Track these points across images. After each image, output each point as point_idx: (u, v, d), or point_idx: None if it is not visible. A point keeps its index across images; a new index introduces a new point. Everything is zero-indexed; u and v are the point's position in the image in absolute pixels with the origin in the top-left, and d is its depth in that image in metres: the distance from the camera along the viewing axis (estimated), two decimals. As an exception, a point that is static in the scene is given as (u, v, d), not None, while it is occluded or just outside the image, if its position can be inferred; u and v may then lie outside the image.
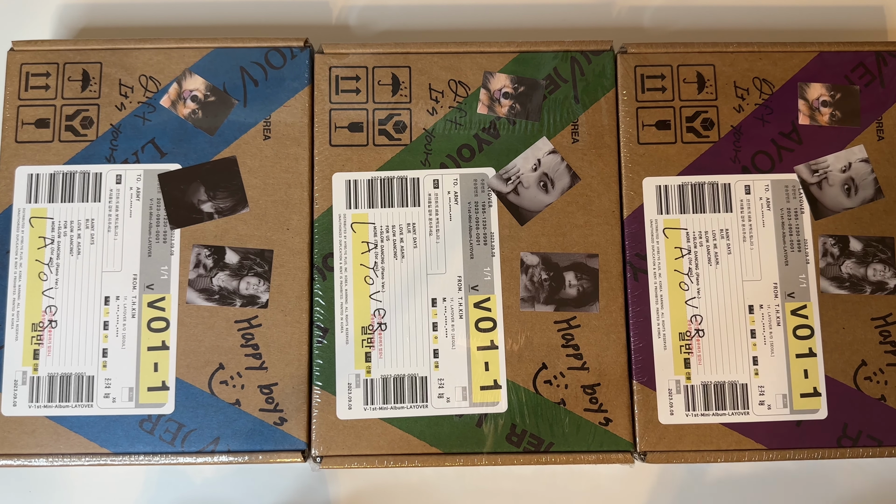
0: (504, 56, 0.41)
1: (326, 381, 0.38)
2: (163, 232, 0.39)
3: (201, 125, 0.40)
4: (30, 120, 0.40)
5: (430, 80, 0.41)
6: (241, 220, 0.39)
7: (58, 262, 0.39)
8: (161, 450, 0.37)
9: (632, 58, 0.41)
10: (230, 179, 0.39)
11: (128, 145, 0.40)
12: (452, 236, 0.39)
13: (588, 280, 0.39)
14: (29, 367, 0.38)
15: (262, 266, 0.39)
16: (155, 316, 0.38)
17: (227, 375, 0.38)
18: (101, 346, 0.38)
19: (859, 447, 0.38)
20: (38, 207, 0.39)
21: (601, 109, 0.40)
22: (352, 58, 0.41)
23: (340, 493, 0.41)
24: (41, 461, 0.37)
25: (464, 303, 0.39)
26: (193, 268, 0.39)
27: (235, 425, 0.38)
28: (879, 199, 0.40)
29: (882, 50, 0.41)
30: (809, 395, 0.38)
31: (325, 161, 0.40)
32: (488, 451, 0.38)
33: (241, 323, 0.38)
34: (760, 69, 0.41)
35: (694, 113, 0.40)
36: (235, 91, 0.40)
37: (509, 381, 0.38)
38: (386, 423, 0.38)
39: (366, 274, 0.39)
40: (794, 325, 0.39)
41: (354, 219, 0.39)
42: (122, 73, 0.40)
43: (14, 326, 0.38)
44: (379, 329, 0.38)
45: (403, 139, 0.40)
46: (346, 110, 0.40)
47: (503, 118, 0.40)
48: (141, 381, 0.38)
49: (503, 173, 0.40)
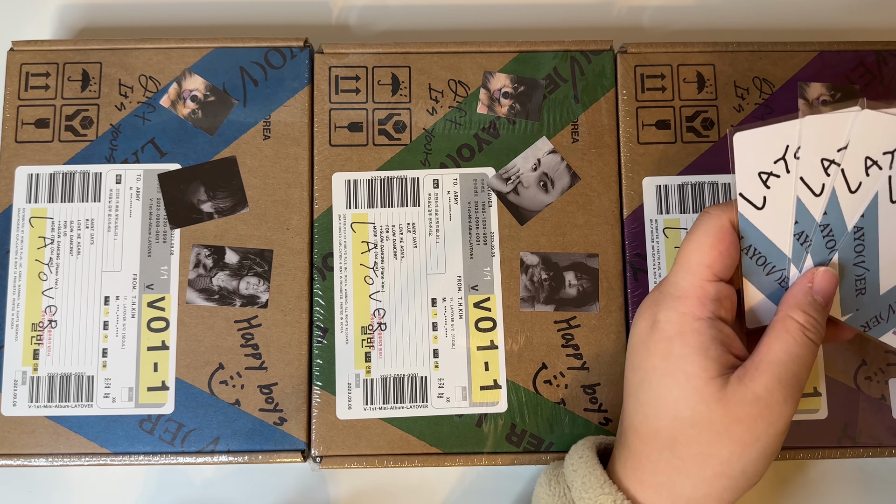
0: (504, 56, 0.41)
1: (326, 381, 0.38)
2: (163, 232, 0.39)
3: (201, 125, 0.40)
4: (30, 120, 0.40)
5: (429, 79, 0.40)
6: (240, 220, 0.39)
7: (58, 262, 0.39)
8: (161, 450, 0.37)
9: (632, 57, 0.41)
10: (230, 179, 0.39)
11: (128, 145, 0.40)
12: (452, 236, 0.39)
13: (588, 280, 0.39)
14: (29, 367, 0.38)
15: (261, 266, 0.39)
16: (155, 316, 0.38)
17: (227, 375, 0.38)
18: (101, 346, 0.38)
19: (859, 447, 0.38)
20: (37, 207, 0.39)
21: (601, 109, 0.40)
22: (352, 58, 0.41)
23: (340, 493, 0.41)
24: (41, 461, 0.37)
25: (464, 303, 0.39)
26: (193, 268, 0.39)
27: (235, 425, 0.38)
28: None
29: (882, 49, 0.41)
30: (809, 395, 0.38)
31: (325, 161, 0.40)
32: (488, 451, 0.38)
33: (241, 323, 0.38)
34: (760, 69, 0.41)
35: (694, 113, 0.40)
36: (235, 91, 0.40)
37: (509, 381, 0.38)
38: (386, 423, 0.38)
39: (366, 274, 0.39)
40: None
41: (354, 219, 0.39)
42: (121, 73, 0.40)
43: (14, 326, 0.38)
44: (379, 329, 0.38)
45: (403, 139, 0.40)
46: (346, 110, 0.40)
47: (503, 118, 0.40)
48: (141, 381, 0.38)
49: (503, 173, 0.40)
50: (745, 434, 0.28)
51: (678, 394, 0.29)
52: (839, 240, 0.29)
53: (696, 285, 0.30)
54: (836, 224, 0.29)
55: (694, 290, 0.30)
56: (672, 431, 0.29)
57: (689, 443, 0.29)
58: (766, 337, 0.30)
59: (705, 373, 0.29)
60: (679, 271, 0.31)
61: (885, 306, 0.29)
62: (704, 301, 0.30)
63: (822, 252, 0.29)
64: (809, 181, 0.28)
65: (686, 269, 0.30)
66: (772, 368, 0.28)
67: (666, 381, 0.30)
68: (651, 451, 0.30)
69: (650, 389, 0.30)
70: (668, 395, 0.29)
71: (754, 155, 0.29)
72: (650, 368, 0.30)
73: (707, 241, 0.30)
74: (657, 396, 0.30)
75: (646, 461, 0.30)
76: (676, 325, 0.30)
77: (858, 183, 0.28)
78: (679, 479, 0.29)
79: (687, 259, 0.31)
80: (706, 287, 0.30)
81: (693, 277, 0.30)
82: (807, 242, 0.29)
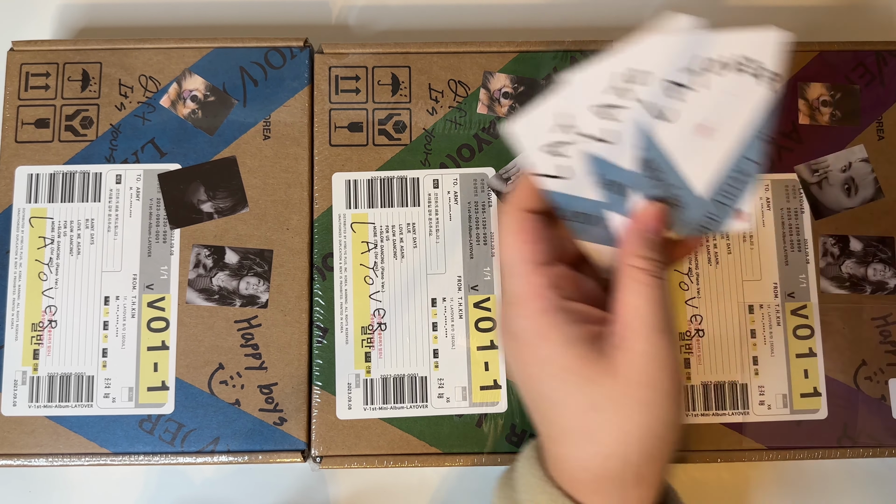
0: (504, 56, 0.41)
1: (326, 381, 0.38)
2: (162, 232, 0.39)
3: (201, 125, 0.40)
4: (30, 120, 0.40)
5: (429, 79, 0.40)
6: (240, 220, 0.39)
7: (58, 262, 0.39)
8: (161, 450, 0.37)
9: (632, 58, 0.41)
10: (230, 179, 0.39)
11: (127, 145, 0.40)
12: (452, 236, 0.39)
13: (588, 280, 0.39)
14: (29, 366, 0.38)
15: (261, 266, 0.39)
16: (155, 316, 0.38)
17: (227, 375, 0.38)
18: (101, 346, 0.38)
19: (859, 447, 0.38)
20: (37, 207, 0.39)
21: (601, 109, 0.40)
22: (351, 58, 0.41)
23: (340, 493, 0.41)
24: (41, 461, 0.37)
25: (463, 303, 0.39)
26: (193, 268, 0.39)
27: (235, 425, 0.38)
28: (880, 198, 0.40)
29: (882, 49, 0.41)
30: (809, 395, 0.38)
31: (325, 161, 0.40)
32: (488, 451, 0.38)
33: (241, 323, 0.38)
34: (760, 69, 0.41)
35: None
36: (235, 91, 0.40)
37: (509, 382, 0.38)
38: (386, 423, 0.38)
39: (365, 274, 0.39)
40: (794, 325, 0.39)
41: (354, 219, 0.39)
42: (121, 73, 0.40)
43: (14, 326, 0.38)
44: (379, 329, 0.38)
45: (403, 139, 0.40)
46: (346, 110, 0.40)
47: (503, 118, 0.40)
48: (141, 381, 0.38)
49: (503, 173, 0.40)
50: (648, 391, 0.28)
51: (567, 388, 0.29)
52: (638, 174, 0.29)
53: (523, 284, 0.30)
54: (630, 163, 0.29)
55: (524, 288, 0.29)
56: (581, 424, 0.29)
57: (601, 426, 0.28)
58: (619, 293, 0.29)
59: (579, 358, 0.28)
60: (506, 278, 0.30)
61: (710, 205, 0.29)
62: (540, 295, 0.29)
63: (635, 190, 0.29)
64: (589, 133, 0.29)
65: (509, 274, 0.30)
66: (639, 321, 0.28)
67: (552, 384, 0.29)
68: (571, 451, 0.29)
69: (544, 397, 0.30)
70: (560, 394, 0.29)
71: (533, 135, 0.29)
72: (533, 379, 0.30)
73: (512, 238, 0.30)
74: (552, 401, 0.29)
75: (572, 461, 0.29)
76: (529, 329, 0.29)
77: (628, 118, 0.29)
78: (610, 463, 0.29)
79: (504, 262, 0.30)
80: (534, 281, 0.29)
81: (518, 279, 0.30)
82: (615, 188, 0.29)
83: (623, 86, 0.28)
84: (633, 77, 0.28)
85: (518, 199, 0.31)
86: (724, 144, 0.29)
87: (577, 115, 0.29)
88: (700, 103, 0.28)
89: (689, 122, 0.28)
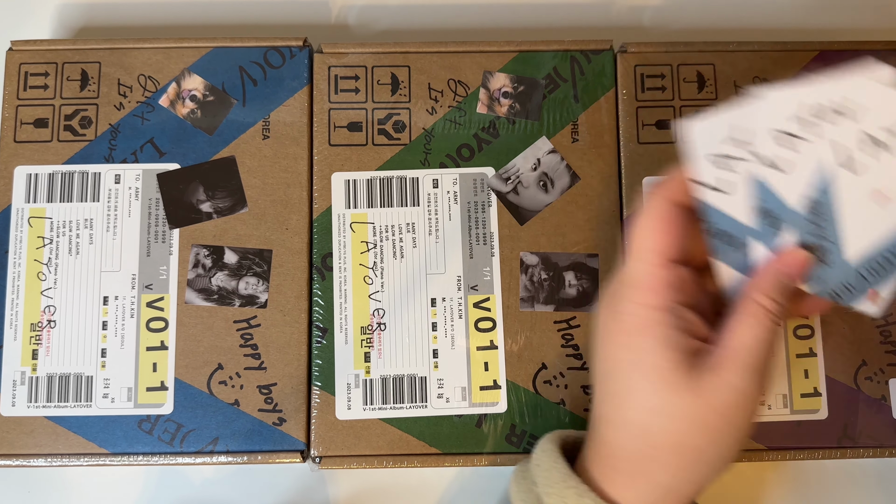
0: (504, 55, 0.41)
1: (326, 381, 0.38)
2: (162, 232, 0.39)
3: (200, 125, 0.40)
4: (28, 120, 0.40)
5: (429, 79, 0.40)
6: (239, 220, 0.39)
7: (56, 261, 0.39)
8: (160, 450, 0.37)
9: (632, 57, 0.41)
10: (229, 179, 0.39)
11: (126, 145, 0.40)
12: (452, 236, 0.39)
13: (588, 280, 0.39)
14: (28, 367, 0.38)
15: (261, 266, 0.39)
16: (154, 316, 0.38)
17: (226, 375, 0.38)
18: (100, 347, 0.38)
19: (859, 447, 0.38)
20: (36, 207, 0.39)
21: (601, 109, 0.40)
22: (351, 57, 0.41)
23: (340, 493, 0.41)
24: (40, 461, 0.37)
25: (463, 303, 0.39)
26: (192, 268, 0.39)
27: (234, 425, 0.37)
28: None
29: (882, 49, 0.41)
30: (809, 395, 0.38)
31: (325, 161, 0.40)
32: (488, 452, 0.38)
33: (240, 323, 0.38)
34: (760, 69, 0.41)
35: (694, 112, 0.40)
36: (234, 91, 0.40)
37: (509, 382, 0.38)
38: (385, 423, 0.38)
39: (365, 274, 0.39)
40: (794, 326, 0.39)
41: (353, 218, 0.39)
42: (120, 72, 0.40)
43: (13, 326, 0.38)
44: (378, 329, 0.38)
45: (403, 139, 0.40)
46: (346, 110, 0.40)
47: (503, 118, 0.40)
48: (140, 382, 0.38)
49: (503, 173, 0.40)
50: (721, 422, 0.28)
51: (647, 386, 0.29)
52: (799, 214, 0.29)
53: (648, 273, 0.29)
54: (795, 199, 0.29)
55: (647, 278, 0.29)
56: (644, 422, 0.29)
57: (663, 432, 0.29)
58: (733, 322, 0.29)
59: (672, 363, 0.28)
60: (631, 259, 0.30)
61: (852, 274, 0.29)
62: (659, 289, 0.29)
63: (789, 228, 0.29)
64: (763, 156, 0.28)
65: (637, 257, 0.30)
66: (742, 355, 0.28)
67: (634, 374, 0.29)
68: (625, 441, 0.30)
69: (620, 381, 0.30)
70: (638, 386, 0.29)
71: (706, 141, 0.29)
72: (617, 361, 0.30)
73: (652, 225, 0.30)
74: (627, 389, 0.30)
75: (619, 451, 0.30)
76: (637, 316, 0.29)
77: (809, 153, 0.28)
78: (655, 467, 0.29)
79: (636, 246, 0.30)
80: (659, 274, 0.29)
81: (644, 265, 0.30)
82: (770, 220, 0.29)
83: (810, 119, 0.27)
84: (823, 114, 0.27)
85: (671, 189, 0.30)
86: (893, 219, 0.28)
87: (757, 134, 0.28)
88: (891, 168, 0.27)
89: (871, 182, 0.28)
